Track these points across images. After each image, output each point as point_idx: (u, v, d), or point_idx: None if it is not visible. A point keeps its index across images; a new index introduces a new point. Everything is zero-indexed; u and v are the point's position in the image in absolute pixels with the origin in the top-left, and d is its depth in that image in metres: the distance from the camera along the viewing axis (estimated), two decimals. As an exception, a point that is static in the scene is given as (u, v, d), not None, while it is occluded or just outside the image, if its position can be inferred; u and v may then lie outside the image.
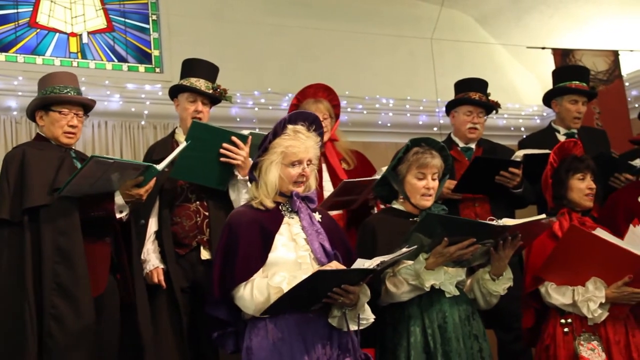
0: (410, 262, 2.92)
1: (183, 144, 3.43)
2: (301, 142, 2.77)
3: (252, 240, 2.71)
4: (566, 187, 3.33)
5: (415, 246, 2.76)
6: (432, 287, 2.90)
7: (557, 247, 3.13)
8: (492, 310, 3.18)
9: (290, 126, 2.80)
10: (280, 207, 2.81)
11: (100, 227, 3.34)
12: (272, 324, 2.64)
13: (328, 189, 3.92)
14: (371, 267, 2.58)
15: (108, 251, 3.38)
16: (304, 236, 2.75)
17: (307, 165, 2.79)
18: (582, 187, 3.32)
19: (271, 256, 2.70)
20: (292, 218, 2.80)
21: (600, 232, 3.13)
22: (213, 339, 2.81)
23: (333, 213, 3.84)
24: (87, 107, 3.55)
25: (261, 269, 2.69)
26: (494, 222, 2.85)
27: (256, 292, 2.63)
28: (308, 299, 2.60)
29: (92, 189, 3.19)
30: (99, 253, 3.33)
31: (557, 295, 3.17)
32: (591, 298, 3.09)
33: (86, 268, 3.18)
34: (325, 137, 3.99)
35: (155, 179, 3.31)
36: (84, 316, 3.13)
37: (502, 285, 2.99)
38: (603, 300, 3.08)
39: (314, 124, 2.86)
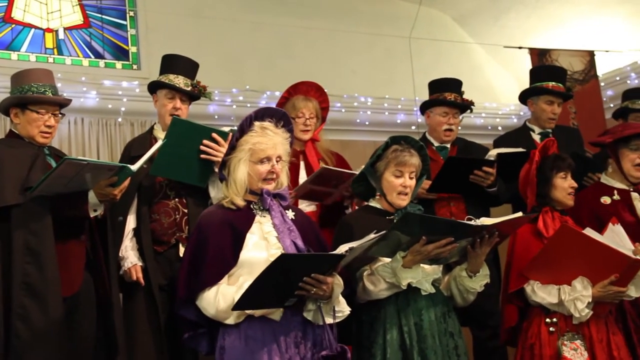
0: (388, 260, 2.93)
1: (159, 143, 3.40)
2: (269, 139, 2.75)
3: (222, 242, 2.68)
4: (550, 185, 3.35)
5: (384, 232, 2.75)
6: (409, 285, 2.91)
7: (546, 246, 3.15)
8: (467, 308, 3.21)
9: (257, 123, 2.79)
10: (251, 206, 2.79)
11: (75, 226, 3.31)
12: (246, 323, 2.62)
13: (304, 187, 3.92)
14: (340, 253, 2.57)
15: (83, 249, 3.35)
16: (276, 234, 2.72)
17: (277, 161, 2.77)
18: (565, 186, 3.35)
19: (242, 256, 2.68)
20: (264, 216, 2.78)
21: (590, 232, 3.16)
22: (183, 340, 2.78)
23: (307, 210, 3.86)
24: (63, 106, 3.52)
25: (232, 270, 2.67)
26: (472, 222, 2.86)
27: (220, 297, 2.61)
28: (279, 292, 2.56)
29: (66, 189, 3.15)
30: (74, 251, 3.29)
31: (543, 294, 3.19)
32: (579, 297, 3.11)
33: (57, 268, 3.14)
34: (307, 137, 4.01)
35: (129, 178, 3.29)
36: (52, 317, 3.09)
37: (479, 281, 3.01)
38: (590, 300, 3.11)
39: (282, 120, 2.84)
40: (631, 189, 3.67)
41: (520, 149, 3.97)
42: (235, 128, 3.07)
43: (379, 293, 2.96)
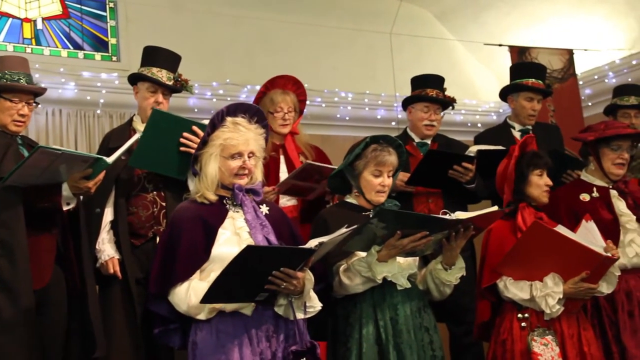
0: (364, 254, 2.94)
1: (136, 136, 3.37)
2: (240, 134, 2.74)
3: (194, 237, 2.67)
4: (526, 181, 3.37)
5: (355, 226, 2.75)
6: (385, 280, 2.92)
7: (518, 243, 3.17)
8: (443, 304, 3.23)
9: (229, 118, 2.78)
10: (224, 201, 2.79)
11: (46, 218, 3.26)
12: (217, 317, 2.62)
13: (284, 180, 3.92)
14: (309, 247, 2.57)
15: (54, 242, 3.29)
16: (248, 230, 2.72)
17: (249, 157, 2.76)
18: (540, 184, 3.37)
19: (214, 251, 2.67)
20: (237, 212, 2.77)
21: (561, 229, 3.18)
22: (155, 336, 2.77)
23: (287, 205, 3.85)
24: (38, 94, 3.47)
25: (204, 265, 2.66)
26: (447, 216, 2.88)
27: (191, 293, 2.60)
28: (249, 286, 2.55)
29: (39, 180, 3.10)
30: (45, 244, 3.24)
31: (515, 289, 3.21)
32: (550, 294, 3.14)
33: (28, 262, 3.09)
34: (287, 130, 4.00)
35: (105, 172, 3.24)
36: (24, 310, 3.04)
37: (455, 274, 3.03)
38: (561, 296, 3.14)
39: (255, 115, 2.83)
40: (610, 187, 3.70)
41: (500, 147, 3.99)
42: None
43: (355, 287, 2.97)
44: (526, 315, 3.20)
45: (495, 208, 3.07)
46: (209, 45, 6.32)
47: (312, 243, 2.59)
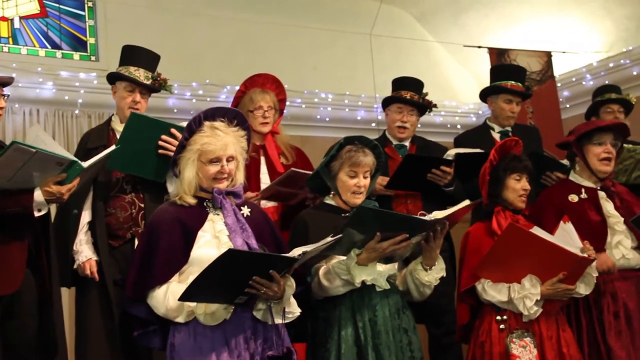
0: (344, 257, 2.93)
1: (112, 147, 3.31)
2: (218, 139, 2.72)
3: (173, 239, 2.66)
4: (502, 185, 3.38)
5: (340, 235, 2.75)
6: (364, 281, 2.92)
7: (495, 245, 3.19)
8: (422, 305, 3.23)
9: (207, 123, 2.76)
10: (205, 204, 2.78)
11: (17, 222, 3.15)
12: (196, 320, 2.61)
13: (265, 181, 3.91)
14: (292, 256, 2.56)
15: (25, 247, 3.18)
16: (228, 233, 2.71)
17: (228, 161, 2.75)
18: (517, 188, 3.37)
19: (193, 254, 2.66)
20: (217, 214, 2.76)
21: (537, 231, 3.20)
22: (134, 338, 2.76)
23: (267, 206, 3.84)
24: (5, 84, 3.32)
25: (183, 268, 2.65)
26: (425, 217, 2.89)
27: (170, 296, 2.60)
28: (228, 289, 2.54)
29: (10, 184, 2.98)
30: (15, 249, 3.12)
31: (493, 292, 3.22)
32: (527, 295, 3.15)
33: None
34: (267, 129, 3.98)
35: (79, 178, 3.17)
36: None
37: (435, 275, 3.04)
38: (539, 297, 3.15)
39: (235, 119, 2.82)
40: (598, 187, 3.72)
41: (478, 150, 4.01)
42: None
43: (335, 290, 2.97)
44: (505, 317, 3.21)
45: (467, 202, 3.08)
46: (189, 46, 6.29)
47: (296, 252, 2.59)
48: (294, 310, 2.74)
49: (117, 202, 3.56)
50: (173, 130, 3.44)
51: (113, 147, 3.29)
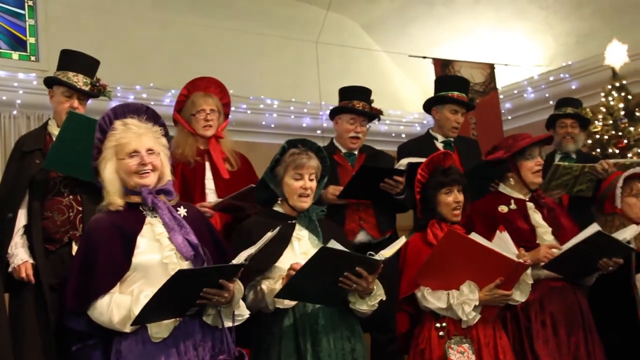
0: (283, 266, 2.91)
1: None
2: (132, 132, 2.68)
3: (112, 247, 2.59)
4: (434, 202, 3.43)
5: (280, 226, 2.74)
6: None
7: (434, 252, 3.21)
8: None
9: (118, 121, 2.72)
10: (141, 208, 2.71)
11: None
12: (144, 329, 2.55)
13: (210, 187, 3.86)
14: (240, 263, 2.55)
15: None
16: (168, 235, 2.65)
17: (149, 154, 2.68)
18: (449, 201, 3.42)
19: (135, 260, 2.59)
20: (155, 217, 2.69)
21: (476, 237, 3.25)
22: (72, 353, 2.66)
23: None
24: None
25: (125, 275, 2.59)
26: (375, 257, 2.87)
27: (114, 307, 2.53)
28: (180, 304, 2.52)
29: None
30: None
31: (432, 299, 3.25)
32: (466, 301, 3.19)
33: None
34: (210, 133, 3.93)
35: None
36: None
37: (374, 301, 3.01)
38: (477, 303, 3.19)
39: (145, 114, 2.77)
40: (527, 199, 3.81)
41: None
42: None
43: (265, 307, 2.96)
44: (444, 324, 3.24)
45: (404, 239, 3.08)
46: (134, 48, 6.21)
47: (242, 257, 2.56)
48: (243, 312, 2.71)
49: (54, 204, 3.47)
50: None
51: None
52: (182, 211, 2.77)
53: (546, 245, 3.59)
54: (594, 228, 3.48)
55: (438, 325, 3.24)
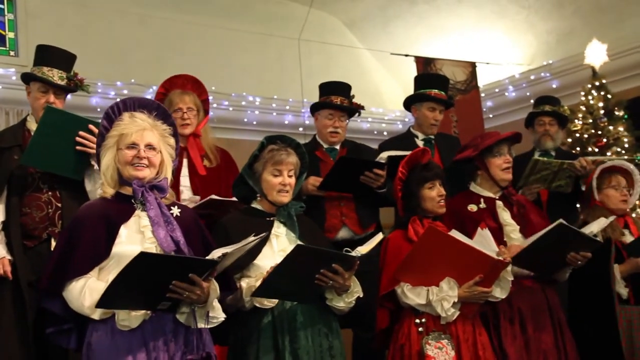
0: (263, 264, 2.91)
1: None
2: (136, 125, 2.70)
3: (96, 233, 2.61)
4: (418, 198, 3.44)
5: (265, 233, 2.75)
6: None
7: (414, 248, 3.22)
8: (352, 309, 3.22)
9: (126, 113, 2.74)
10: (133, 200, 2.72)
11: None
12: (114, 318, 2.54)
13: (185, 184, 3.85)
14: (211, 258, 2.53)
15: None
16: (152, 228, 2.65)
17: (148, 149, 2.70)
18: (433, 196, 3.43)
19: (114, 249, 2.60)
20: (145, 211, 2.70)
21: (455, 234, 3.26)
22: (48, 335, 2.67)
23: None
24: None
25: (104, 263, 2.60)
26: (352, 254, 2.88)
27: (87, 291, 2.53)
28: (149, 294, 2.49)
29: None
30: None
31: (412, 295, 3.26)
32: (445, 297, 3.20)
33: None
34: (188, 131, 3.92)
35: None
36: None
37: (351, 298, 3.02)
38: (456, 300, 3.21)
39: (155, 111, 2.79)
40: (497, 197, 3.82)
41: (408, 152, 4.05)
42: None
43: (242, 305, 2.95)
44: (423, 320, 3.25)
45: (381, 235, 3.10)
46: (115, 44, 6.17)
47: (216, 254, 2.55)
48: (218, 315, 2.69)
49: (32, 201, 3.45)
50: (91, 127, 3.36)
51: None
52: (176, 211, 2.77)
53: (517, 245, 3.61)
54: (558, 222, 3.48)
55: (417, 321, 3.26)
